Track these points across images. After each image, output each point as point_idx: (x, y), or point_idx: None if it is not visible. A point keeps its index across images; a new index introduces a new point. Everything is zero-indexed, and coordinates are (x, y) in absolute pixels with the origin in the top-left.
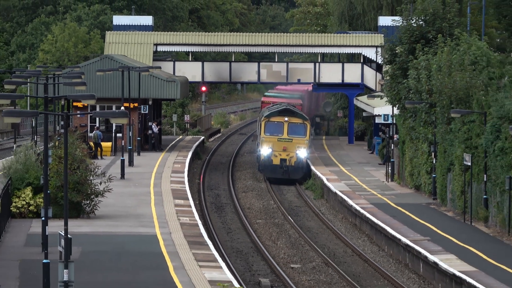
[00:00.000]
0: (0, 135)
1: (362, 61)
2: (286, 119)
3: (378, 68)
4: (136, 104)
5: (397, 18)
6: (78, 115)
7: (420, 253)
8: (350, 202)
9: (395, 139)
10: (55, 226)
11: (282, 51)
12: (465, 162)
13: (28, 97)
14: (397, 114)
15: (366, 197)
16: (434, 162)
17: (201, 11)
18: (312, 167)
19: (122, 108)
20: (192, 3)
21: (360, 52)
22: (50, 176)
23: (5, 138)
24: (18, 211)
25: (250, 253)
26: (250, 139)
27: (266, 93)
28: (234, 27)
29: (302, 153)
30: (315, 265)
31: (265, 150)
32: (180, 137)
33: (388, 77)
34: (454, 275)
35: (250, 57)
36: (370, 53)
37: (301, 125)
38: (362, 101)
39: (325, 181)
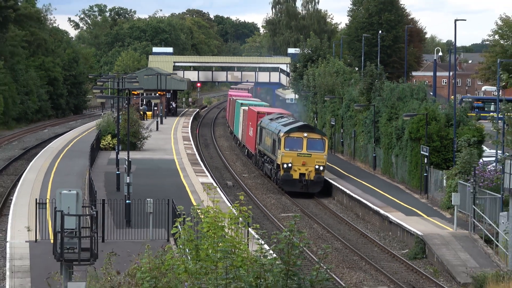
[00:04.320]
0: (93, 108)
1: (279, 70)
2: (305, 134)
3: (288, 74)
4: (164, 92)
5: (297, 49)
6: (134, 98)
7: None
8: None
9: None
10: (122, 155)
11: (239, 66)
12: (332, 123)
13: (109, 89)
14: (297, 98)
15: None
16: (316, 123)
17: (197, 45)
18: None
19: (157, 94)
20: (192, 40)
21: (278, 66)
22: (120, 128)
23: (96, 110)
24: (103, 146)
25: (222, 168)
26: (222, 111)
27: (242, 101)
28: (214, 53)
29: (321, 167)
30: (255, 175)
31: (285, 165)
32: (187, 109)
33: (292, 79)
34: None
35: (222, 69)
36: (284, 67)
37: (320, 140)
38: (279, 92)
39: None
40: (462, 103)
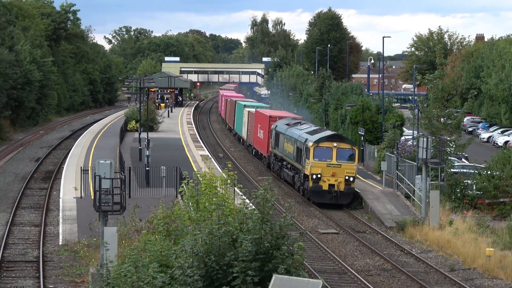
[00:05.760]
0: (122, 101)
1: (256, 74)
2: (335, 144)
3: (262, 76)
4: (173, 90)
5: (269, 58)
6: (152, 93)
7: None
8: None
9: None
10: (143, 135)
11: (227, 70)
12: (294, 111)
13: (133, 87)
14: (269, 94)
15: None
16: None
17: (197, 55)
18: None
19: (168, 91)
20: (194, 52)
21: (256, 70)
22: (141, 115)
23: (124, 102)
24: (129, 129)
25: (215, 145)
26: (215, 103)
27: (245, 103)
28: (209, 61)
29: (351, 178)
30: (240, 149)
31: (314, 176)
32: (190, 101)
33: (266, 80)
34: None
35: (215, 72)
36: (260, 71)
37: (350, 150)
38: (256, 89)
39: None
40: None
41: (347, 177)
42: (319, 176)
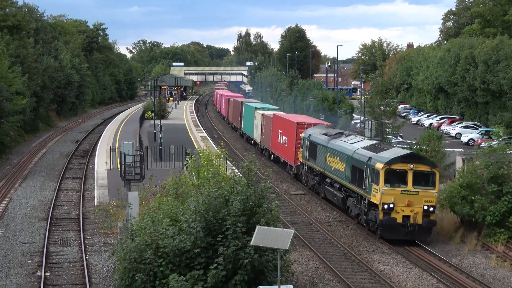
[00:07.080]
0: (140, 96)
1: (242, 74)
2: (411, 166)
3: (247, 76)
4: (179, 87)
5: (251, 62)
6: (163, 90)
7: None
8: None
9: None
10: (157, 121)
11: (220, 72)
12: (270, 102)
13: (149, 85)
14: (252, 89)
15: None
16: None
17: (197, 61)
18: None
19: (175, 88)
20: (194, 58)
21: (241, 72)
22: (155, 107)
23: (142, 97)
24: (146, 117)
25: (211, 128)
26: (210, 98)
27: (256, 105)
28: (206, 65)
29: (430, 208)
30: (230, 131)
31: (385, 206)
32: (191, 96)
33: (249, 79)
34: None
35: (211, 74)
36: (245, 72)
37: (429, 173)
38: (242, 86)
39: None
40: (341, 91)
41: (426, 207)
42: (391, 206)
